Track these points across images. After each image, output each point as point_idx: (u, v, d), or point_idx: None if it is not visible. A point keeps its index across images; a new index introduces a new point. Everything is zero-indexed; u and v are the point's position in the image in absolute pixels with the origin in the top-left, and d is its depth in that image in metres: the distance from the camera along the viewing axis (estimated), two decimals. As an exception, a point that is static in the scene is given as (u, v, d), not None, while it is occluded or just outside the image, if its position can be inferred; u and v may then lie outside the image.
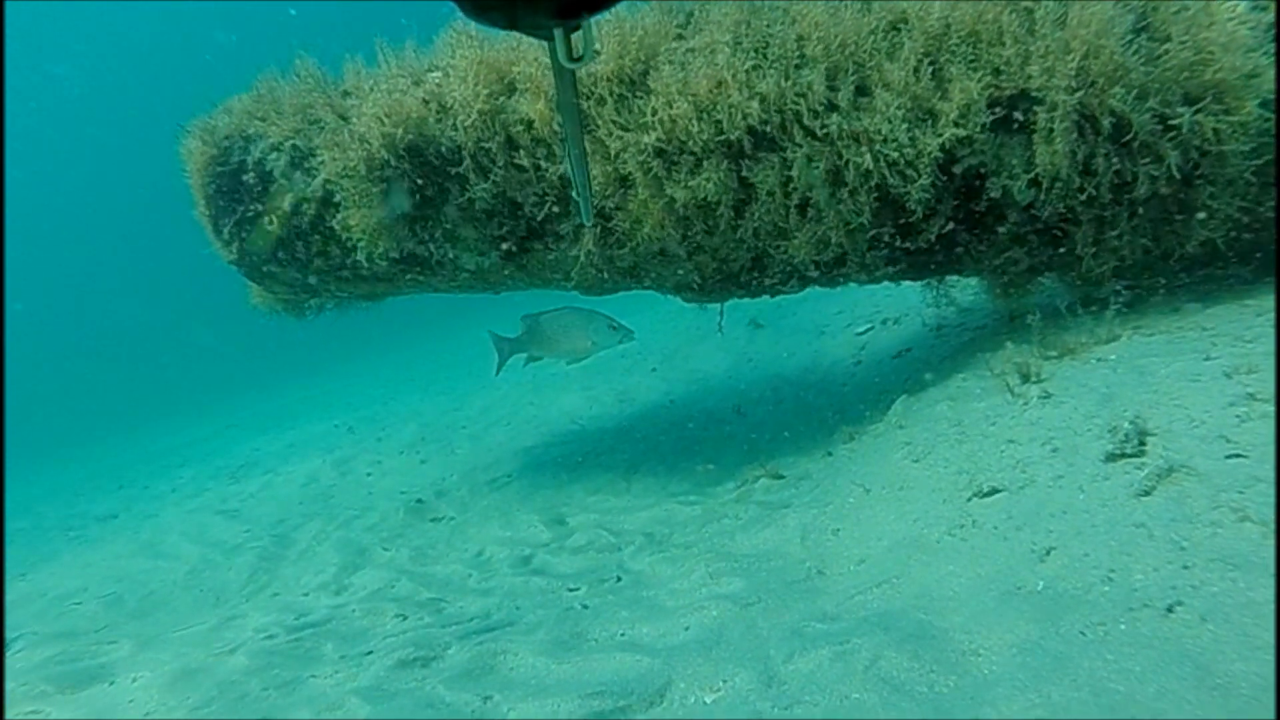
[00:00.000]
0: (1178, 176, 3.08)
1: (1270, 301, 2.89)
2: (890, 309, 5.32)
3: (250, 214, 4.09)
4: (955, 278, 4.00)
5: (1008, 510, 2.26)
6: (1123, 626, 1.60)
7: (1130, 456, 2.14)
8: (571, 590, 2.97)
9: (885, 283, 4.02)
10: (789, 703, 1.82)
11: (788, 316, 6.19)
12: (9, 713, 2.82)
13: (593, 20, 0.91)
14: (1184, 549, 1.71)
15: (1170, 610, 1.57)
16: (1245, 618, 1.45)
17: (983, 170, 3.29)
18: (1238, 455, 1.91)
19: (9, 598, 4.59)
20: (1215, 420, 2.10)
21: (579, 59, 0.96)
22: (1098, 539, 1.91)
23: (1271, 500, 1.70)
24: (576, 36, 0.96)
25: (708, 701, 1.95)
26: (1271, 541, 1.61)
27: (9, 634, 3.76)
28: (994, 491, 2.38)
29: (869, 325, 5.34)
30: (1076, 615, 1.71)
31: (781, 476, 3.58)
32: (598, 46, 3.75)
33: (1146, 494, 1.96)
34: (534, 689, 2.21)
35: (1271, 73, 2.91)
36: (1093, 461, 2.21)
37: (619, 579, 2.98)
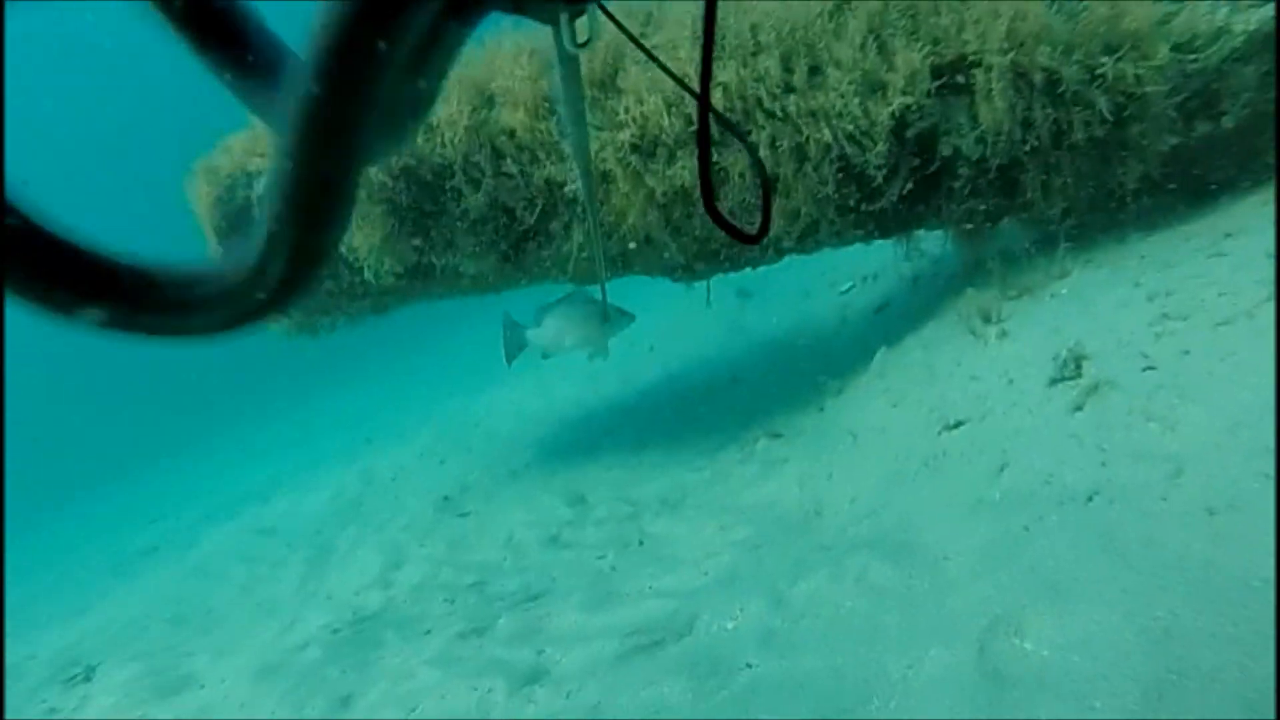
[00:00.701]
0: (1109, 119, 3.45)
1: (1198, 225, 3.27)
2: (869, 266, 5.70)
3: (258, 248, 4.44)
4: (922, 232, 4.37)
5: (971, 438, 2.67)
6: (1054, 518, 2.00)
7: (1068, 379, 2.54)
8: (599, 558, 3.38)
9: (857, 244, 4.40)
10: (796, 617, 2.24)
11: (773, 283, 6.57)
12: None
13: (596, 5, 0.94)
14: (1104, 450, 2.12)
15: (1090, 499, 1.98)
16: (1140, 496, 1.85)
17: (933, 132, 3.66)
18: (1150, 368, 2.31)
19: (78, 631, 5.03)
20: (1137, 340, 2.49)
21: (584, 44, 0.98)
22: (1041, 451, 2.31)
23: (1172, 401, 2.10)
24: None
25: (729, 627, 2.36)
26: (1169, 435, 2.01)
27: (90, 661, 4.20)
28: (959, 424, 2.78)
29: (851, 284, 5.72)
30: (1022, 514, 2.12)
31: (779, 435, 3.98)
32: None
33: (1079, 409, 2.36)
34: (579, 638, 2.63)
35: (1179, 18, 3.27)
36: (1039, 387, 2.61)
37: (641, 542, 3.40)
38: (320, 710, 2.74)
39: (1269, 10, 3.13)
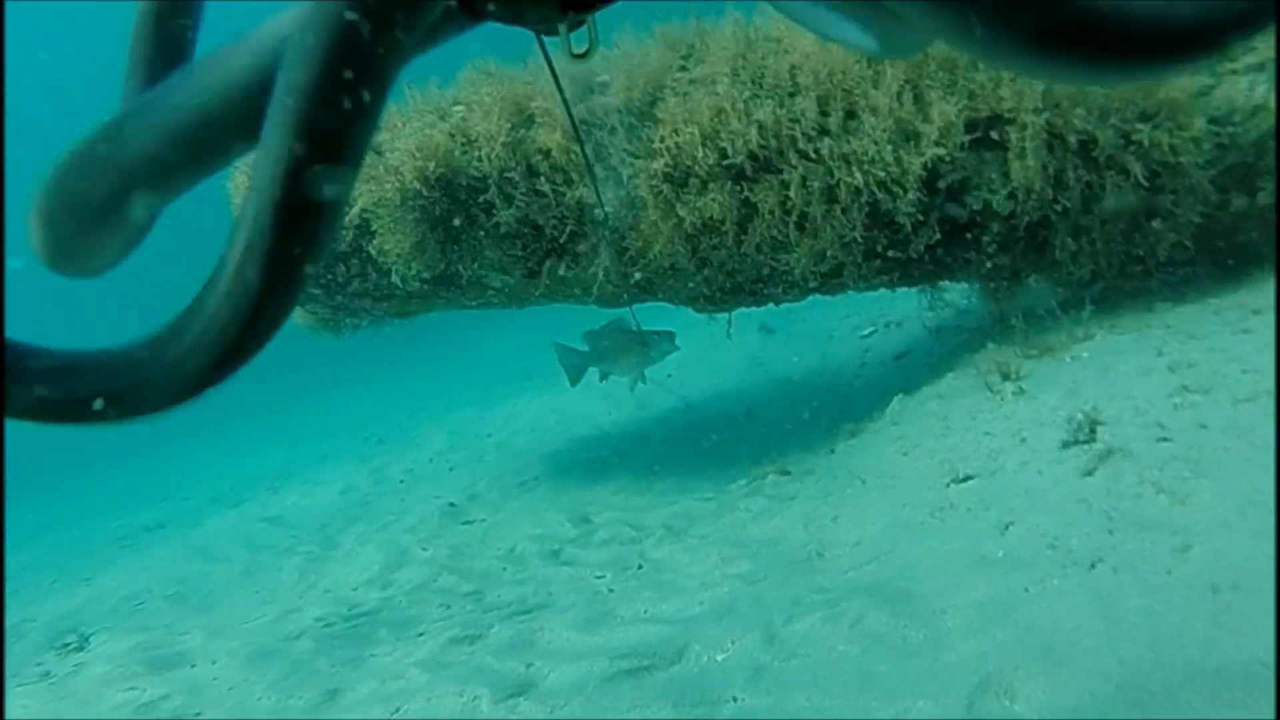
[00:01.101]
0: (1144, 185, 3.45)
1: (1228, 300, 3.25)
2: (894, 312, 5.69)
3: (294, 242, 4.54)
4: (947, 283, 4.37)
5: (979, 493, 2.65)
6: (1055, 581, 1.98)
7: (1082, 443, 2.52)
8: (598, 577, 3.38)
9: (882, 290, 4.41)
10: (787, 655, 2.23)
11: (797, 321, 6.58)
12: (107, 691, 3.29)
13: (596, 17, 0.92)
14: (1111, 517, 2.10)
15: (1093, 566, 1.96)
16: (1145, 567, 1.83)
17: (964, 185, 3.68)
18: (1166, 439, 2.29)
19: (79, 599, 5.10)
20: (1155, 409, 2.47)
21: (583, 54, 0.99)
22: (1048, 513, 2.30)
23: (1184, 475, 2.08)
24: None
25: (719, 659, 2.35)
26: (1178, 508, 1.99)
27: (88, 628, 4.25)
28: (969, 478, 2.76)
29: (873, 328, 5.72)
30: (1023, 575, 2.10)
31: (789, 472, 3.97)
32: (606, 77, 4.18)
33: (1090, 474, 2.34)
34: (569, 656, 2.63)
35: (1218, 90, 3.28)
36: (1052, 448, 2.60)
37: (641, 566, 3.39)
38: (307, 701, 2.75)
39: (1310, 93, 3.13)
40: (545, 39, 1.01)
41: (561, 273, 4.35)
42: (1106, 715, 1.49)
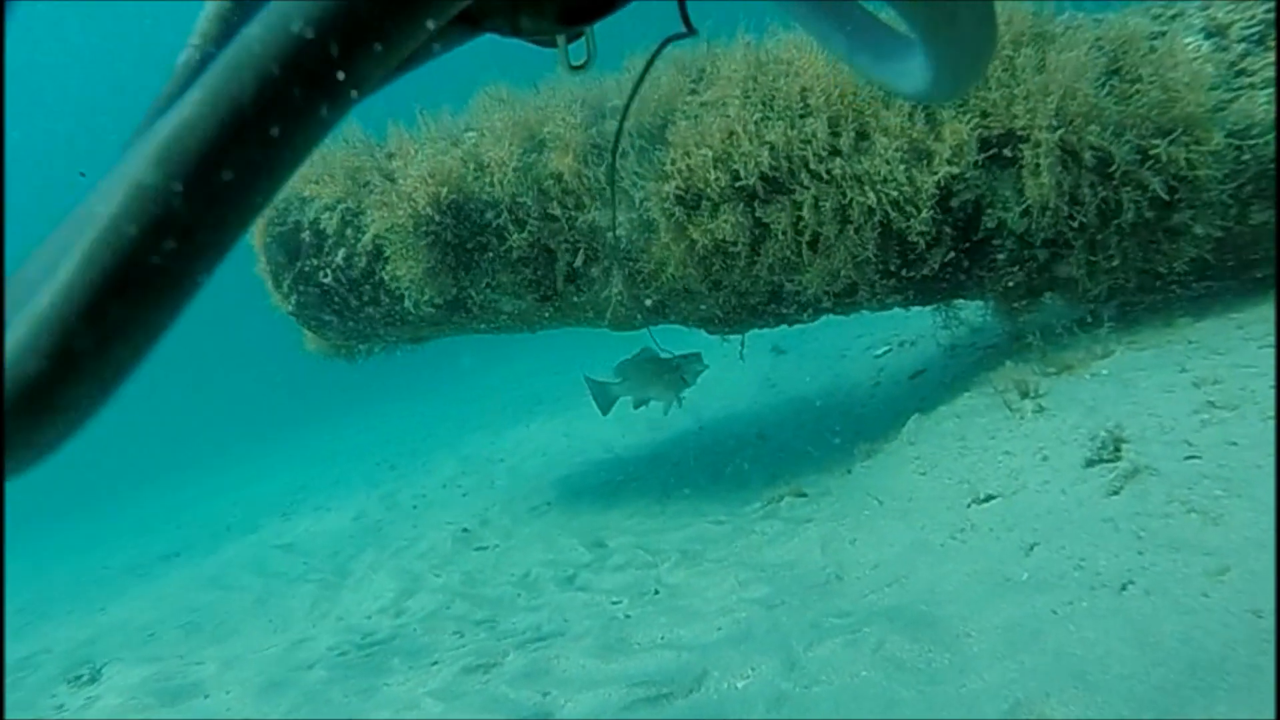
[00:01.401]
0: (1164, 199, 3.42)
1: (1251, 315, 3.20)
2: (908, 331, 5.66)
3: (308, 269, 4.59)
4: (962, 301, 4.34)
5: (1001, 514, 2.60)
6: (1085, 604, 1.93)
7: (1106, 461, 2.47)
8: (614, 603, 3.34)
9: (896, 309, 4.39)
10: (808, 683, 2.18)
11: (809, 342, 6.55)
12: (120, 724, 3.26)
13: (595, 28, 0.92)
14: (1140, 538, 2.05)
15: (1124, 588, 1.91)
16: (1179, 589, 1.78)
17: (978, 203, 3.66)
18: (1194, 457, 2.24)
19: (94, 630, 5.08)
20: (1181, 427, 2.42)
21: (582, 66, 0.98)
22: (1073, 533, 2.24)
23: (1216, 493, 2.03)
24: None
25: (739, 686, 2.30)
26: (1211, 528, 1.93)
27: (102, 660, 4.23)
28: (990, 498, 2.71)
29: (887, 348, 5.68)
30: (1050, 597, 2.04)
31: (804, 494, 3.92)
32: (617, 102, 4.22)
33: (1116, 493, 2.29)
34: (586, 684, 2.58)
35: (1236, 105, 3.26)
36: (1075, 467, 2.55)
37: (657, 591, 3.34)
38: (320, 734, 2.72)
39: (1328, 105, 3.10)
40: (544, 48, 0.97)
41: (574, 297, 4.36)
42: (1145, 744, 1.44)
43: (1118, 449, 2.50)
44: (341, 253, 4.48)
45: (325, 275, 4.57)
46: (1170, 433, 2.43)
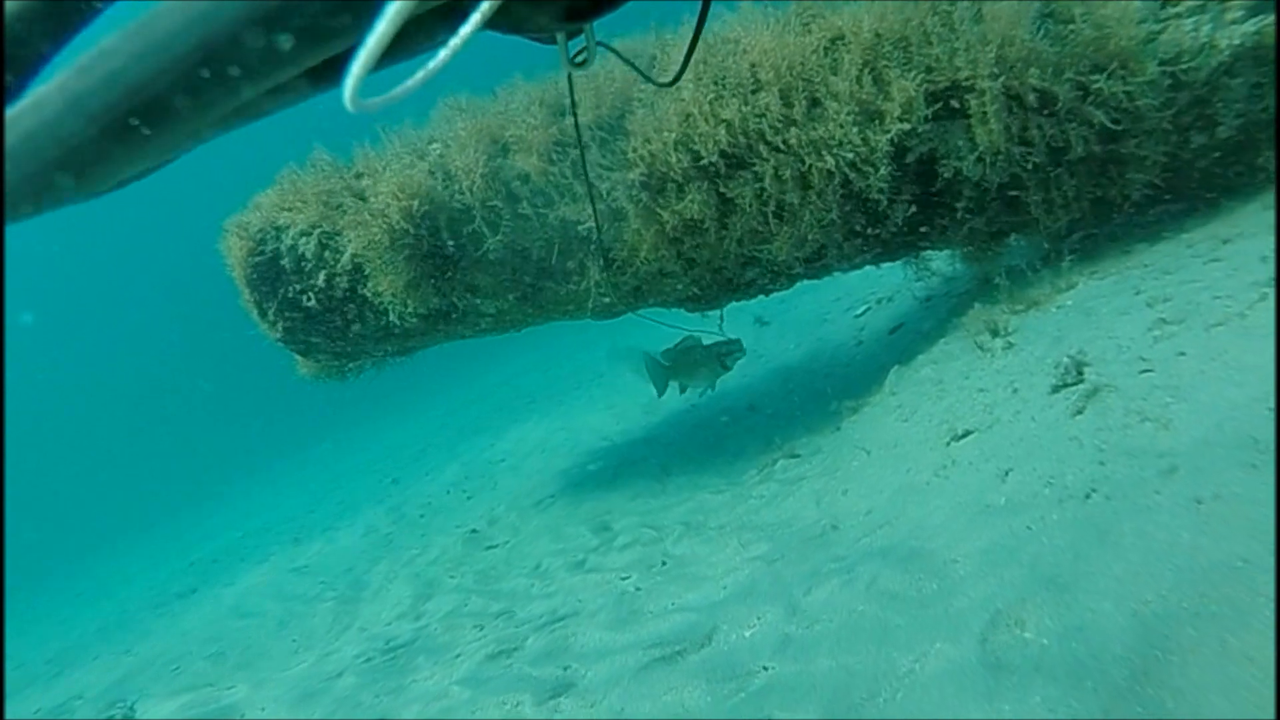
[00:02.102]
0: (1109, 131, 3.57)
1: (1199, 233, 3.35)
2: (884, 288, 5.81)
3: (290, 294, 4.70)
4: (931, 252, 4.49)
5: (979, 447, 2.75)
6: (1055, 516, 2.08)
7: (1070, 385, 2.62)
8: (624, 579, 3.49)
9: (867, 267, 4.53)
10: (810, 623, 2.33)
11: (790, 310, 6.70)
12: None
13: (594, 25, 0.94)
14: (1102, 450, 2.20)
15: (1088, 497, 2.06)
16: (1136, 491, 1.93)
17: (933, 155, 3.80)
18: (1147, 370, 2.39)
19: (122, 671, 5.20)
20: (1136, 345, 2.58)
21: (581, 62, 0.98)
22: (1043, 455, 2.40)
23: (1166, 401, 2.19)
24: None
25: (746, 636, 2.45)
26: (1163, 433, 2.09)
27: (133, 697, 4.36)
28: (967, 434, 2.87)
29: (866, 306, 5.83)
30: (1025, 516, 2.20)
31: (797, 455, 4.08)
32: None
33: (1080, 413, 2.45)
34: (603, 654, 2.73)
35: (1165, 35, 3.40)
36: (1042, 395, 2.70)
37: (664, 563, 3.49)
38: (356, 732, 2.86)
39: (1250, 26, 3.25)
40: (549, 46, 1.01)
41: (554, 291, 4.49)
42: (1109, 628, 1.59)
43: (1080, 373, 2.65)
44: (322, 275, 4.59)
45: (308, 299, 4.69)
46: (1127, 351, 2.58)
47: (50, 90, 0.76)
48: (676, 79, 1.62)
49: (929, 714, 1.68)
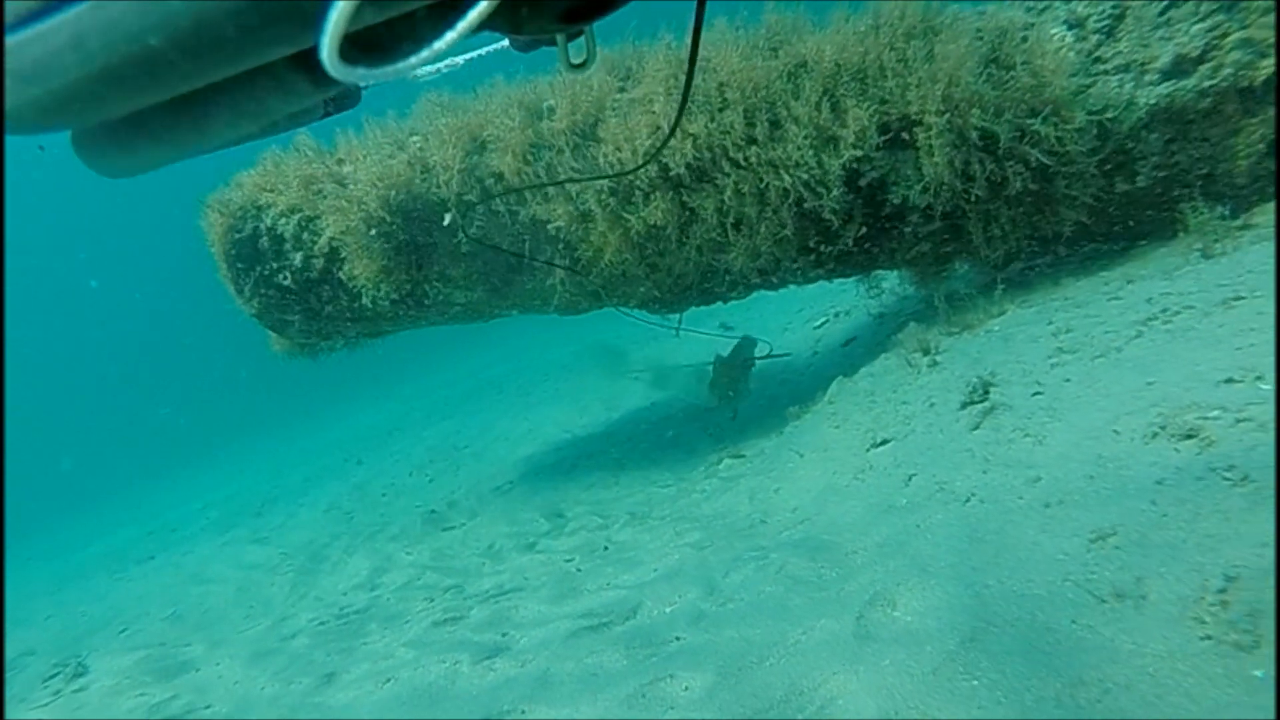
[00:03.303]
0: (1043, 171, 3.91)
1: (1116, 272, 3.70)
2: (843, 303, 6.14)
3: (267, 272, 4.92)
4: (881, 272, 4.82)
5: (893, 454, 3.07)
6: (939, 517, 2.40)
7: (975, 403, 2.95)
8: (568, 561, 3.77)
9: (820, 281, 4.85)
10: (723, 601, 2.62)
11: (755, 317, 7.02)
12: (118, 699, 3.62)
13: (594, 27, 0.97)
14: (988, 460, 2.52)
15: (967, 500, 2.38)
16: (1005, 496, 2.25)
17: (883, 181, 4.12)
18: (1039, 393, 2.72)
19: (77, 630, 5.39)
20: (1036, 370, 2.91)
21: (581, 64, 1.00)
22: (942, 463, 2.72)
23: (1044, 420, 2.51)
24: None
25: (667, 611, 2.74)
26: (1037, 448, 2.41)
27: (88, 654, 4.56)
28: (885, 442, 3.19)
29: (825, 319, 6.16)
30: (917, 516, 2.51)
31: (742, 455, 4.38)
32: (552, 102, 4.60)
33: (977, 427, 2.77)
34: (539, 623, 3.01)
35: (1094, 89, 3.75)
36: (953, 410, 3.02)
37: (606, 548, 3.78)
38: (307, 685, 3.11)
39: (1164, 88, 3.60)
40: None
41: (521, 285, 4.75)
42: (955, 605, 1.90)
43: (986, 392, 2.97)
44: (299, 256, 4.82)
45: (284, 278, 4.91)
46: (1028, 375, 2.91)
47: (62, 21, 0.81)
48: (671, 133, 1.84)
49: (802, 675, 1.98)
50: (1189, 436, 1.97)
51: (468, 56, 1.29)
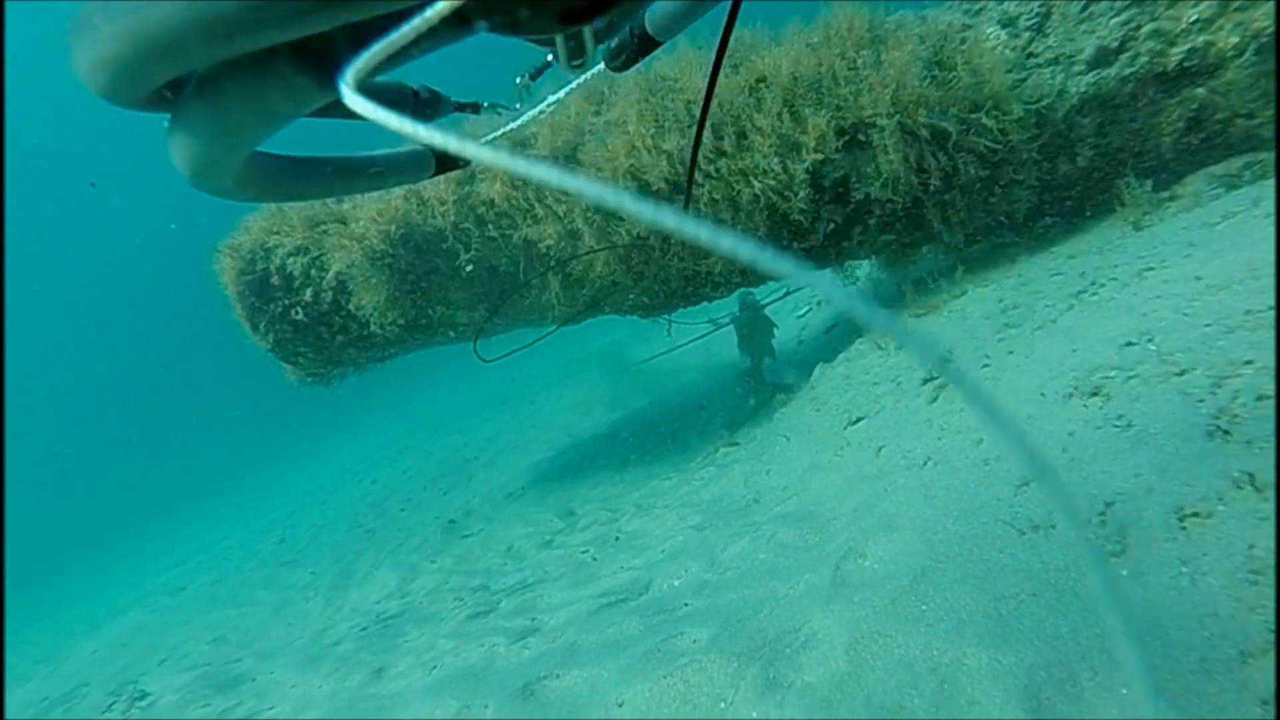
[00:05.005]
0: (991, 159, 4.32)
1: (1065, 248, 4.10)
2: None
3: (280, 309, 5.32)
4: (853, 261, 5.23)
5: (866, 430, 3.48)
6: (901, 480, 2.81)
7: (934, 379, 3.35)
8: (583, 552, 4.17)
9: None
10: (723, 570, 3.03)
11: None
12: (185, 711, 4.02)
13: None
14: (943, 428, 2.93)
15: (924, 464, 2.78)
16: (955, 457, 2.66)
17: (846, 180, 4.53)
18: (986, 365, 3.13)
19: (125, 660, 5.78)
20: (986, 344, 3.32)
21: (579, 64, 1.02)
22: (906, 434, 3.13)
23: (989, 388, 2.92)
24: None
25: (675, 584, 3.15)
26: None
27: (144, 679, 4.96)
28: (859, 420, 3.59)
29: (808, 308, 6.57)
30: (885, 482, 2.92)
31: (736, 444, 4.79)
32: (534, 129, 5.00)
33: (934, 400, 3.18)
34: (563, 606, 3.41)
35: (1029, 81, 4.16)
36: (915, 386, 3.43)
37: (617, 538, 4.18)
38: (360, 679, 3.51)
39: (1090, 78, 4.01)
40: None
41: (519, 303, 5.16)
42: (911, 551, 2.30)
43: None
44: (309, 291, 5.22)
45: (297, 313, 5.31)
46: (979, 349, 3.32)
47: None
48: (686, 202, 2.32)
49: (790, 619, 2.38)
50: (1094, 394, 2.38)
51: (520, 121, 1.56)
